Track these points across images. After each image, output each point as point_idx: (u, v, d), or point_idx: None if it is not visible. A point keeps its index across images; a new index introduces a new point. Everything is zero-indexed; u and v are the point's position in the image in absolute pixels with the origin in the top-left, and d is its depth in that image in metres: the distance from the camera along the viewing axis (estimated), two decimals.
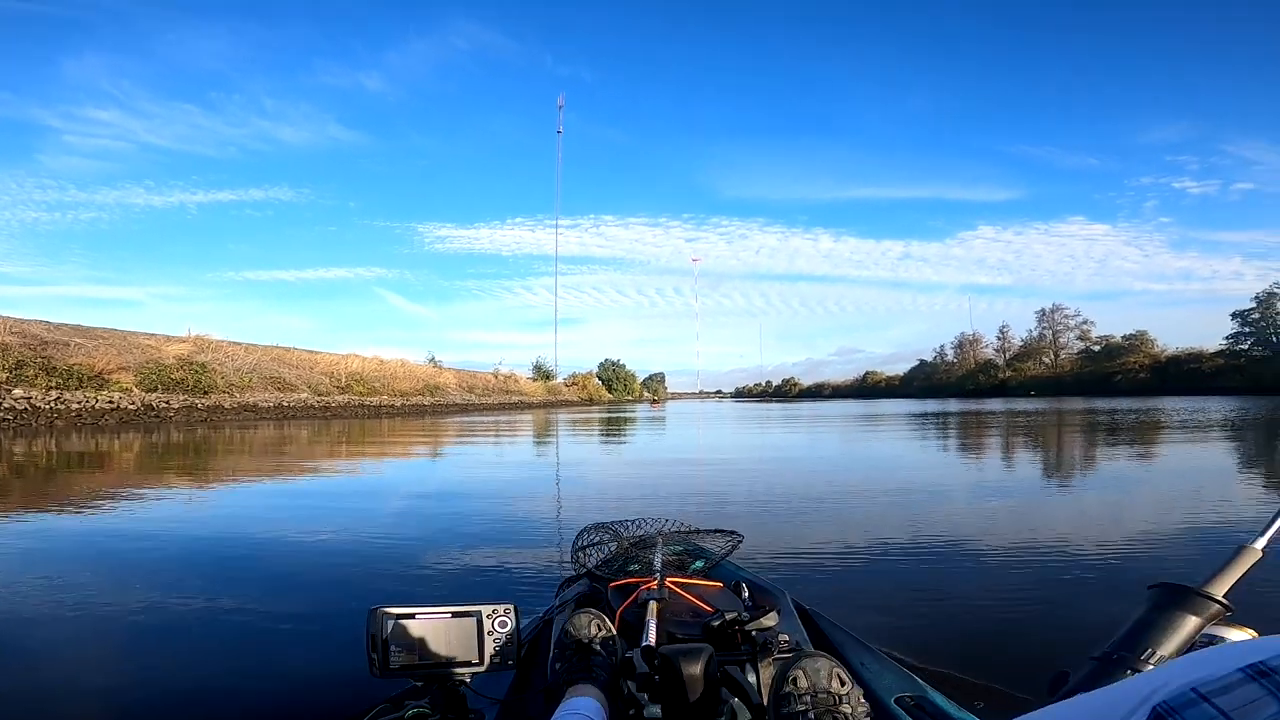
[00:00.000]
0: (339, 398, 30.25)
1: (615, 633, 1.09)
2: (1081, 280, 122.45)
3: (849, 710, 0.79)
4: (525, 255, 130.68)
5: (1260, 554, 0.81)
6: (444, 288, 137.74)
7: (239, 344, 28.36)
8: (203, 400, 21.61)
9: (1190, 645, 0.74)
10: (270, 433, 15.37)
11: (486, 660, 0.98)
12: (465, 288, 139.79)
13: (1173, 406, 23.32)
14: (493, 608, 1.00)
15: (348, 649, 1.95)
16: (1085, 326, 71.83)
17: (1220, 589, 0.78)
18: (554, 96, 77.52)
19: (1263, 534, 0.81)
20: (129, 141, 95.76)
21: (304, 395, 27.50)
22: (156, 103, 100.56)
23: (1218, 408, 21.15)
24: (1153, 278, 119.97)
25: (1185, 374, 54.72)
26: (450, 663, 0.97)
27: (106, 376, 19.46)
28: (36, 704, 1.79)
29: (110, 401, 18.29)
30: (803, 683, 0.82)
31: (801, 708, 0.79)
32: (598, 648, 1.03)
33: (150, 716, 1.71)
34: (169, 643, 2.22)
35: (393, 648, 0.95)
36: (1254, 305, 54.55)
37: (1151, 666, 0.70)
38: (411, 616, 0.96)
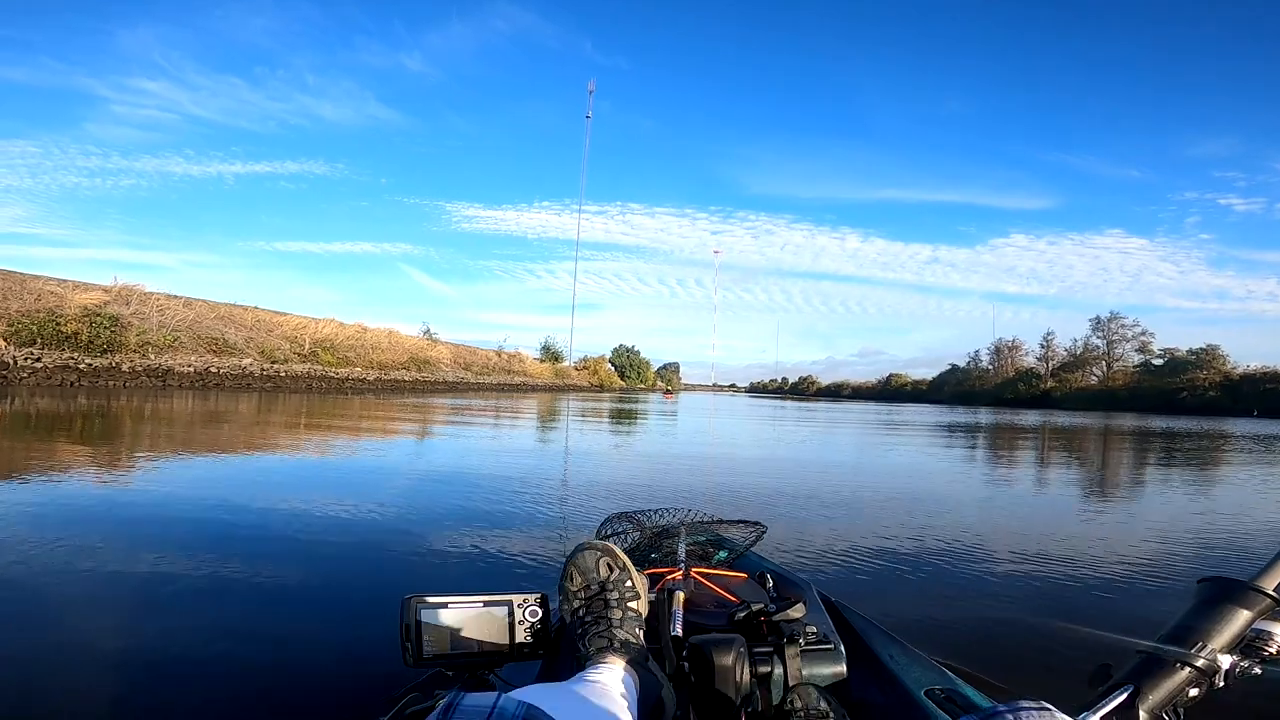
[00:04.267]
0: (298, 367, 25.92)
1: (627, 566, 1.00)
2: (1112, 294, 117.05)
3: None
4: (550, 239, 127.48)
5: None
6: (468, 267, 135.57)
7: (177, 297, 24.04)
8: (94, 360, 17.30)
9: (1241, 638, 0.74)
10: (126, 410, 10.93)
11: (516, 649, 0.96)
12: (488, 268, 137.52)
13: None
14: (523, 597, 0.97)
15: (376, 629, 1.93)
16: (1145, 338, 65.52)
17: (1271, 583, 0.77)
18: (589, 82, 73.82)
19: None
20: (175, 113, 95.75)
21: (247, 362, 23.16)
22: (204, 75, 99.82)
23: None
24: (1186, 295, 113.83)
25: (1262, 394, 48.82)
26: (481, 652, 0.95)
27: None
28: (67, 668, 1.72)
29: None
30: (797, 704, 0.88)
31: None
32: (615, 601, 0.95)
33: (193, 688, 1.63)
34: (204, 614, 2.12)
35: (426, 637, 0.92)
36: None
37: (1202, 660, 0.71)
38: (444, 606, 0.94)
